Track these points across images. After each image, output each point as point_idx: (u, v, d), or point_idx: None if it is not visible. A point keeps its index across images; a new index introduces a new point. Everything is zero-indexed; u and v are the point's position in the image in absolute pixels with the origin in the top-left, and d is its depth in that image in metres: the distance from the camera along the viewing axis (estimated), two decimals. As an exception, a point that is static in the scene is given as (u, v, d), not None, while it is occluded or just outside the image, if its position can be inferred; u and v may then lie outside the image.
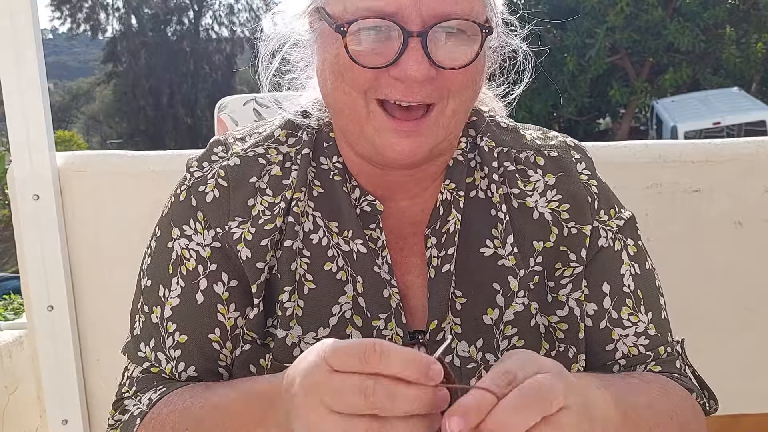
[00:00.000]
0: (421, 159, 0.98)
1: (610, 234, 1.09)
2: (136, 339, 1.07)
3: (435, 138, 0.97)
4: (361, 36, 0.93)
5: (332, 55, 0.96)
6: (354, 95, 0.96)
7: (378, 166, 1.03)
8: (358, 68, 0.94)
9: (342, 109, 0.98)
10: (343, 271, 1.04)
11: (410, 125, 0.95)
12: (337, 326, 1.02)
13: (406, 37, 0.91)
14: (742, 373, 1.79)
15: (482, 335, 1.03)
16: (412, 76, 0.91)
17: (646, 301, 1.09)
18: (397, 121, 0.95)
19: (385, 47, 0.93)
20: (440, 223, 1.07)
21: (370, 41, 0.93)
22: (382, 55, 0.93)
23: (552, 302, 1.06)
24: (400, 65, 0.92)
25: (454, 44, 0.94)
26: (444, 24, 0.92)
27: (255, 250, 1.02)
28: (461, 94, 0.97)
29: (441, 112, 0.96)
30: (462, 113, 0.99)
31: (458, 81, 0.95)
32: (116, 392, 1.08)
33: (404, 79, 0.92)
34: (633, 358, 1.07)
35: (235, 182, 1.05)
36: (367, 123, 0.96)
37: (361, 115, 0.96)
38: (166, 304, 1.04)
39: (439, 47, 0.93)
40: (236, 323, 1.04)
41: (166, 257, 1.06)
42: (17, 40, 1.64)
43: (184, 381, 1.03)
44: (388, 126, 0.95)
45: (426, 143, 0.96)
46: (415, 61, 0.91)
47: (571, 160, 1.11)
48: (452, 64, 0.94)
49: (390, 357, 0.70)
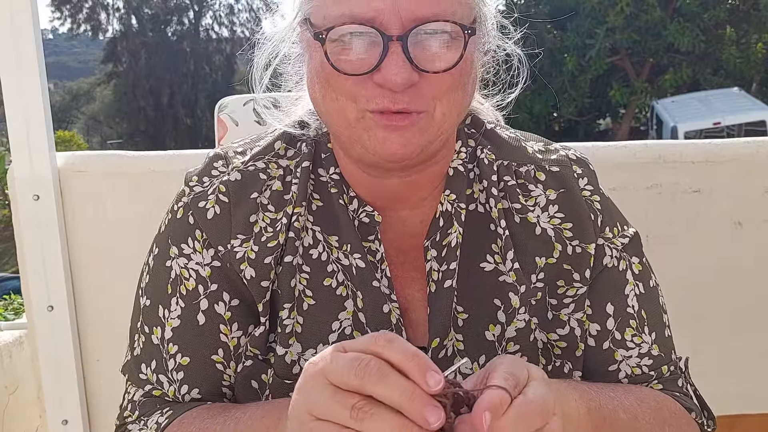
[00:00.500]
0: (414, 156, 0.96)
1: (615, 252, 1.07)
2: (136, 359, 1.05)
3: (426, 137, 0.95)
4: (342, 44, 0.91)
5: (317, 64, 0.95)
6: (342, 101, 0.94)
7: (373, 173, 1.02)
8: (342, 76, 0.92)
9: (332, 115, 0.97)
10: (343, 286, 1.02)
11: (399, 118, 0.93)
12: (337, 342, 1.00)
13: (386, 42, 0.89)
14: (742, 373, 1.79)
15: (485, 352, 1.02)
16: (394, 81, 0.89)
17: (650, 321, 1.08)
18: (387, 117, 0.93)
19: (366, 54, 0.91)
20: (440, 235, 1.05)
21: (352, 48, 0.91)
22: (364, 62, 0.91)
23: (552, 320, 1.04)
24: (381, 71, 0.90)
25: (437, 47, 0.91)
26: (425, 27, 0.90)
27: (259, 268, 1.00)
28: (449, 96, 0.94)
29: (430, 116, 0.94)
30: (453, 115, 0.97)
31: (444, 84, 0.93)
32: (118, 416, 1.07)
33: (387, 85, 0.90)
34: (636, 378, 1.06)
35: (236, 198, 1.03)
36: (357, 125, 0.95)
37: (351, 118, 0.95)
38: (167, 325, 1.03)
39: (420, 50, 0.91)
40: (239, 342, 1.02)
41: (165, 276, 1.04)
42: (17, 40, 1.64)
43: (188, 403, 1.02)
44: (378, 123, 0.93)
45: (416, 140, 0.94)
46: (395, 66, 0.89)
47: (573, 176, 1.09)
48: (436, 67, 0.91)
49: (394, 343, 0.70)
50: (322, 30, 0.91)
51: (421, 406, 0.67)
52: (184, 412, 0.99)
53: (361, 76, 0.92)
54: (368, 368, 0.69)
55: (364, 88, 0.92)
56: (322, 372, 0.72)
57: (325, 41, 0.91)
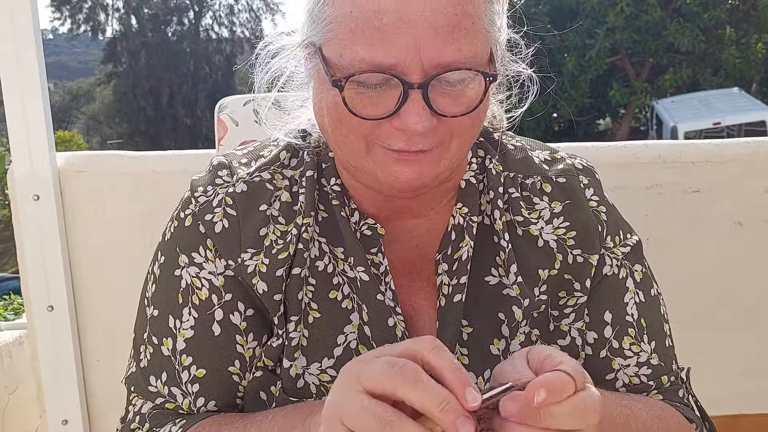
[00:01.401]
0: (427, 187, 0.95)
1: (615, 261, 1.06)
2: (144, 371, 1.02)
3: (438, 168, 0.93)
4: (361, 88, 0.88)
5: (330, 102, 0.91)
6: (353, 138, 0.92)
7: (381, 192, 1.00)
8: (357, 119, 0.89)
9: (341, 147, 0.95)
10: (348, 299, 1.00)
11: (411, 155, 0.91)
12: (342, 357, 0.99)
13: (406, 89, 0.86)
14: (742, 373, 1.79)
15: (490, 366, 1.00)
16: (414, 129, 0.87)
17: (649, 329, 1.07)
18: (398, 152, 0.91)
19: (384, 98, 0.88)
20: (451, 249, 1.03)
21: (369, 93, 0.88)
22: (381, 105, 0.88)
23: (554, 331, 1.03)
24: (401, 116, 0.87)
25: (457, 92, 0.89)
26: (446, 76, 0.87)
27: (270, 281, 0.98)
28: (465, 134, 0.93)
29: (445, 150, 0.92)
30: (466, 146, 0.95)
31: (462, 125, 0.91)
32: (121, 428, 1.04)
33: (407, 131, 0.88)
34: (634, 387, 1.06)
35: (244, 211, 1.00)
36: (368, 159, 0.93)
37: (361, 153, 0.92)
38: (179, 336, 1.00)
39: (440, 96, 0.88)
40: (254, 353, 1.00)
41: (174, 286, 1.01)
42: (17, 40, 1.64)
43: (203, 414, 1.00)
44: (389, 157, 0.91)
45: (428, 172, 0.92)
46: (416, 114, 0.86)
47: (579, 186, 1.07)
48: (455, 112, 0.89)
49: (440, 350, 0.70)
50: (341, 78, 0.87)
51: (455, 416, 0.66)
52: (198, 421, 0.97)
53: (377, 120, 0.89)
54: (403, 372, 0.68)
55: (379, 129, 0.90)
56: (356, 376, 0.71)
57: (344, 89, 0.88)
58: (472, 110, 0.90)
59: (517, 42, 1.03)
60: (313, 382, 0.98)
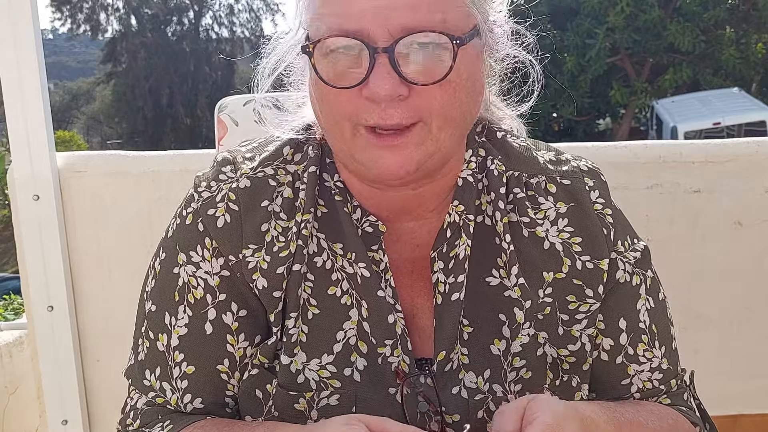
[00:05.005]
0: (412, 174, 0.94)
1: (628, 267, 1.06)
2: (141, 364, 1.04)
3: (423, 151, 0.93)
4: (332, 58, 0.89)
5: (313, 79, 0.94)
6: (338, 118, 0.93)
7: (375, 186, 1.00)
8: (333, 91, 0.90)
9: (330, 133, 0.96)
10: (347, 295, 1.01)
11: (393, 137, 0.91)
12: (341, 353, 0.99)
13: (372, 54, 0.87)
14: (742, 373, 1.80)
15: (490, 366, 1.01)
16: (378, 93, 0.87)
17: (660, 335, 1.08)
18: (381, 137, 0.92)
19: (355, 68, 0.89)
20: (447, 247, 1.03)
21: (340, 62, 0.89)
22: (353, 75, 0.89)
23: (563, 335, 1.03)
24: (369, 84, 0.88)
25: (426, 59, 0.88)
26: (413, 38, 0.87)
27: (271, 278, 0.99)
28: (445, 111, 0.91)
29: (425, 128, 0.92)
30: (452, 128, 0.94)
31: (437, 98, 0.90)
32: (120, 420, 1.07)
33: (375, 98, 0.88)
34: (647, 392, 1.07)
35: (246, 206, 1.01)
36: (353, 143, 0.93)
37: (347, 136, 0.93)
38: (173, 332, 1.02)
39: (409, 62, 0.88)
40: (245, 353, 1.02)
41: (172, 283, 1.03)
42: (17, 40, 1.64)
43: (189, 413, 1.01)
44: (372, 143, 0.92)
45: (413, 156, 0.92)
46: (381, 78, 0.87)
47: (584, 189, 1.06)
48: (425, 80, 0.88)
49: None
50: (309, 44, 0.90)
51: None
52: (184, 427, 0.99)
53: (352, 91, 0.90)
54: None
55: (355, 103, 0.91)
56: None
57: (313, 54, 0.90)
58: (441, 79, 0.89)
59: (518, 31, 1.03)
60: (313, 378, 0.99)
